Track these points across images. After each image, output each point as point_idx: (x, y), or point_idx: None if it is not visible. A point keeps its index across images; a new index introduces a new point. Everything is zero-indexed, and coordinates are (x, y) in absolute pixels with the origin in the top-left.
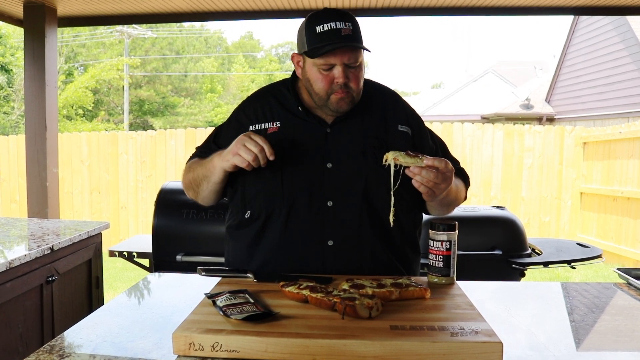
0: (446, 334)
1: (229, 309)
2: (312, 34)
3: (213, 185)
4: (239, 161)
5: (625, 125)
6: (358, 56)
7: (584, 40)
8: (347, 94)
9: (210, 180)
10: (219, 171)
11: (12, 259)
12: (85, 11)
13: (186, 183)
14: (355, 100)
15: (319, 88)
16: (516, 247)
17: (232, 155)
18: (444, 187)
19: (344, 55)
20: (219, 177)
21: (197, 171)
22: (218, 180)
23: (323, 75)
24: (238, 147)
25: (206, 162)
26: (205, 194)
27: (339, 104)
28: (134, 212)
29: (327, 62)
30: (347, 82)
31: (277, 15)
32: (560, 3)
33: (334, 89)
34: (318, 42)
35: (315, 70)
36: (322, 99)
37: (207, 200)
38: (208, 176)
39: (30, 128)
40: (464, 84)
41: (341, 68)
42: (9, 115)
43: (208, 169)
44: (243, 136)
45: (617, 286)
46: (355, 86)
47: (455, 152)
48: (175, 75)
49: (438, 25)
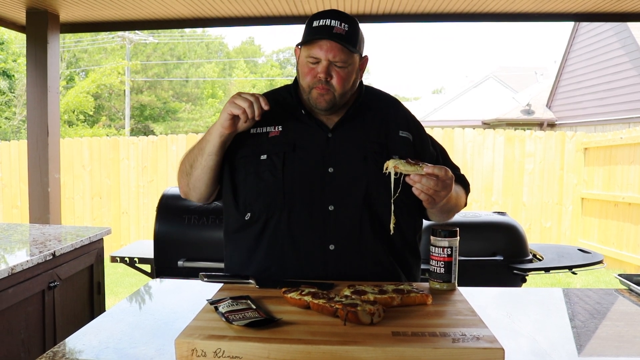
0: (448, 340)
1: (231, 315)
2: (309, 27)
3: (207, 160)
4: (234, 107)
5: (626, 130)
6: (347, 58)
7: (584, 46)
8: (327, 91)
9: (205, 151)
10: (215, 137)
11: (14, 265)
12: (87, 17)
13: (180, 171)
14: (337, 100)
15: (303, 81)
16: (517, 252)
17: (228, 105)
18: (444, 195)
19: (330, 51)
20: (215, 145)
21: (191, 153)
22: (214, 151)
23: (309, 68)
24: (230, 103)
25: (201, 139)
26: (199, 173)
27: (317, 100)
28: (135, 218)
29: (312, 55)
30: (328, 79)
31: (278, 21)
32: (561, 9)
33: (315, 83)
34: (310, 34)
35: (304, 62)
36: (306, 93)
37: (199, 188)
38: (203, 148)
39: (32, 134)
40: (464, 89)
41: (325, 64)
42: (11, 121)
43: (203, 141)
44: (234, 95)
45: (619, 292)
46: (337, 85)
47: (456, 158)
48: (177, 81)
49: (439, 31)
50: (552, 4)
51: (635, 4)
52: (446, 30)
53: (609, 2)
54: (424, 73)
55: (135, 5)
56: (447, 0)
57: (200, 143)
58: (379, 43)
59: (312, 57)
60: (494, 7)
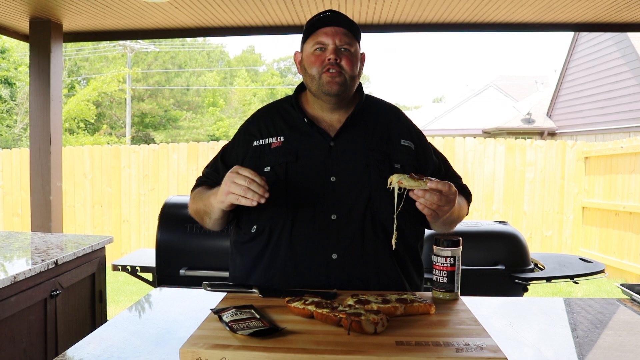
0: (451, 349)
1: (235, 324)
2: (309, 25)
3: (215, 221)
4: (234, 199)
5: (627, 140)
6: (352, 42)
7: (584, 55)
8: (339, 73)
9: (212, 217)
10: (217, 210)
11: (16, 273)
12: (90, 26)
13: (192, 211)
14: (348, 84)
15: (312, 70)
16: (519, 262)
17: (225, 195)
18: (447, 209)
19: (336, 35)
20: (218, 214)
21: (199, 204)
22: (218, 217)
23: (316, 56)
24: (228, 185)
25: (205, 198)
26: (210, 226)
27: (329, 84)
28: (136, 226)
29: (319, 42)
30: (338, 61)
31: (279, 30)
32: (562, 20)
33: (325, 67)
34: (312, 26)
35: (310, 53)
36: (315, 79)
37: (214, 228)
38: (209, 213)
39: (34, 142)
40: (465, 98)
41: (333, 47)
42: (12, 129)
43: (207, 207)
44: (230, 173)
45: (621, 302)
46: (347, 67)
47: (457, 167)
48: (178, 89)
49: (440, 40)
50: (552, 14)
51: (635, 15)
52: (447, 39)
53: (609, 13)
54: (424, 82)
55: (138, 15)
56: (448, 10)
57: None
58: (380, 52)
59: (318, 44)
60: (495, 17)
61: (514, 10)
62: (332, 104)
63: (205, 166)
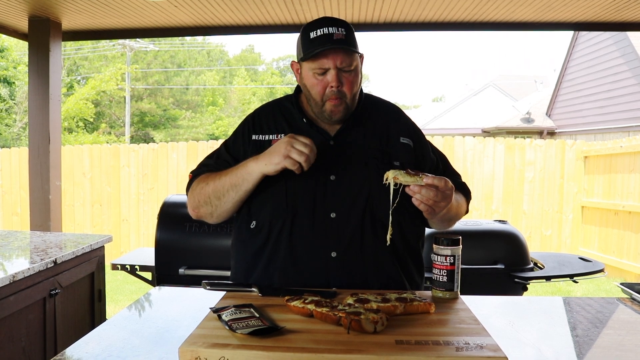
0: (451, 348)
1: (234, 323)
2: (307, 40)
3: (242, 194)
4: (290, 163)
5: (626, 139)
6: (352, 60)
7: (584, 55)
8: (341, 101)
9: (241, 189)
10: (256, 177)
11: (15, 272)
12: (89, 25)
13: (201, 198)
14: (350, 107)
15: (314, 93)
16: (518, 261)
17: (282, 157)
18: (443, 205)
19: (337, 57)
20: (253, 183)
21: (219, 182)
22: (250, 187)
23: (318, 80)
24: (288, 149)
25: (231, 171)
26: (228, 206)
27: (332, 112)
28: (136, 225)
29: (320, 66)
30: (340, 88)
31: (278, 29)
32: (561, 19)
33: (328, 95)
34: (311, 46)
35: (310, 75)
36: (318, 105)
37: (225, 214)
38: (239, 184)
39: (33, 141)
40: (464, 97)
41: (334, 72)
42: (11, 128)
43: (238, 177)
44: (289, 137)
45: (620, 301)
46: (348, 91)
47: (457, 166)
48: (177, 88)
49: (439, 40)
50: (552, 13)
51: (634, 14)
52: (446, 38)
53: (609, 12)
54: (424, 81)
55: (137, 14)
56: (447, 9)
57: (232, 178)
58: (379, 51)
59: (319, 69)
60: (495, 16)
61: (514, 9)
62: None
63: (201, 163)
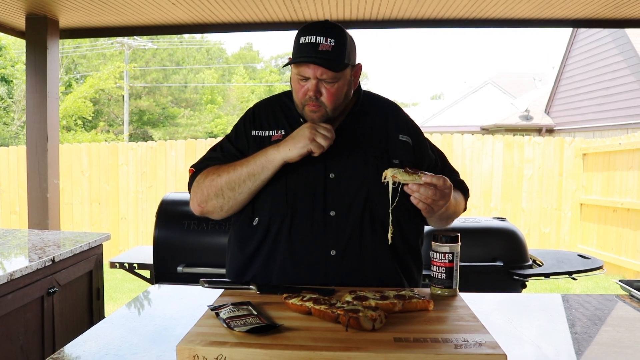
0: (450, 346)
1: (232, 321)
2: (297, 44)
3: (260, 183)
4: (315, 147)
5: (625, 136)
6: (333, 74)
7: (582, 52)
8: (319, 108)
9: (260, 177)
10: (278, 164)
11: (13, 271)
12: (87, 23)
13: (211, 191)
14: (329, 115)
15: (296, 97)
16: (517, 258)
17: (308, 141)
18: (442, 204)
19: (317, 69)
20: (274, 170)
21: (234, 172)
22: (269, 176)
23: (300, 85)
24: (313, 133)
25: (249, 160)
26: (243, 197)
27: (310, 116)
28: (134, 223)
29: (300, 74)
30: (319, 97)
31: (277, 27)
32: (560, 15)
33: (307, 101)
34: (297, 52)
35: (294, 78)
36: (299, 108)
37: (236, 206)
38: (257, 173)
39: (31, 139)
40: (463, 95)
41: (314, 82)
42: (9, 126)
43: (258, 165)
44: (310, 124)
45: (619, 298)
46: (328, 102)
47: (455, 163)
48: (175, 86)
49: (437, 37)
50: (551, 10)
51: (633, 10)
52: (445, 36)
53: (608, 9)
54: (422, 79)
55: (135, 11)
56: (446, 6)
57: (250, 167)
58: (377, 48)
59: (300, 75)
60: (493, 13)
61: (512, 6)
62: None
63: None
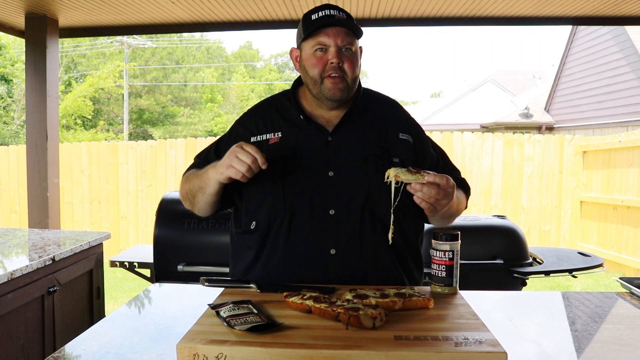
0: (450, 344)
1: (232, 320)
2: (308, 22)
3: (208, 197)
4: (233, 173)
5: (625, 134)
6: (353, 42)
7: (582, 50)
8: (342, 78)
9: (205, 192)
10: (214, 183)
11: (13, 270)
12: (86, 22)
13: (183, 194)
14: (350, 87)
15: (313, 72)
16: (517, 256)
17: (225, 167)
18: (445, 203)
19: (338, 36)
20: (214, 189)
21: (192, 182)
22: (213, 192)
23: (317, 58)
24: (231, 158)
25: (201, 173)
26: (201, 206)
27: (332, 91)
28: (134, 222)
29: (321, 43)
30: (341, 65)
31: (276, 25)
32: (560, 13)
33: (327, 71)
34: (312, 25)
35: (310, 54)
36: (317, 84)
37: (203, 211)
38: (203, 188)
39: (31, 138)
40: (463, 93)
41: (334, 49)
42: (9, 125)
43: (203, 181)
44: (236, 147)
45: (620, 295)
46: (349, 70)
47: (455, 161)
48: (175, 85)
49: (437, 35)
50: (550, 7)
51: (633, 8)
52: (445, 34)
53: (608, 6)
54: (422, 77)
55: (134, 10)
56: (446, 4)
57: (199, 180)
58: (377, 47)
59: (319, 45)
60: (493, 11)
61: (512, 3)
62: (333, 106)
63: (196, 155)
